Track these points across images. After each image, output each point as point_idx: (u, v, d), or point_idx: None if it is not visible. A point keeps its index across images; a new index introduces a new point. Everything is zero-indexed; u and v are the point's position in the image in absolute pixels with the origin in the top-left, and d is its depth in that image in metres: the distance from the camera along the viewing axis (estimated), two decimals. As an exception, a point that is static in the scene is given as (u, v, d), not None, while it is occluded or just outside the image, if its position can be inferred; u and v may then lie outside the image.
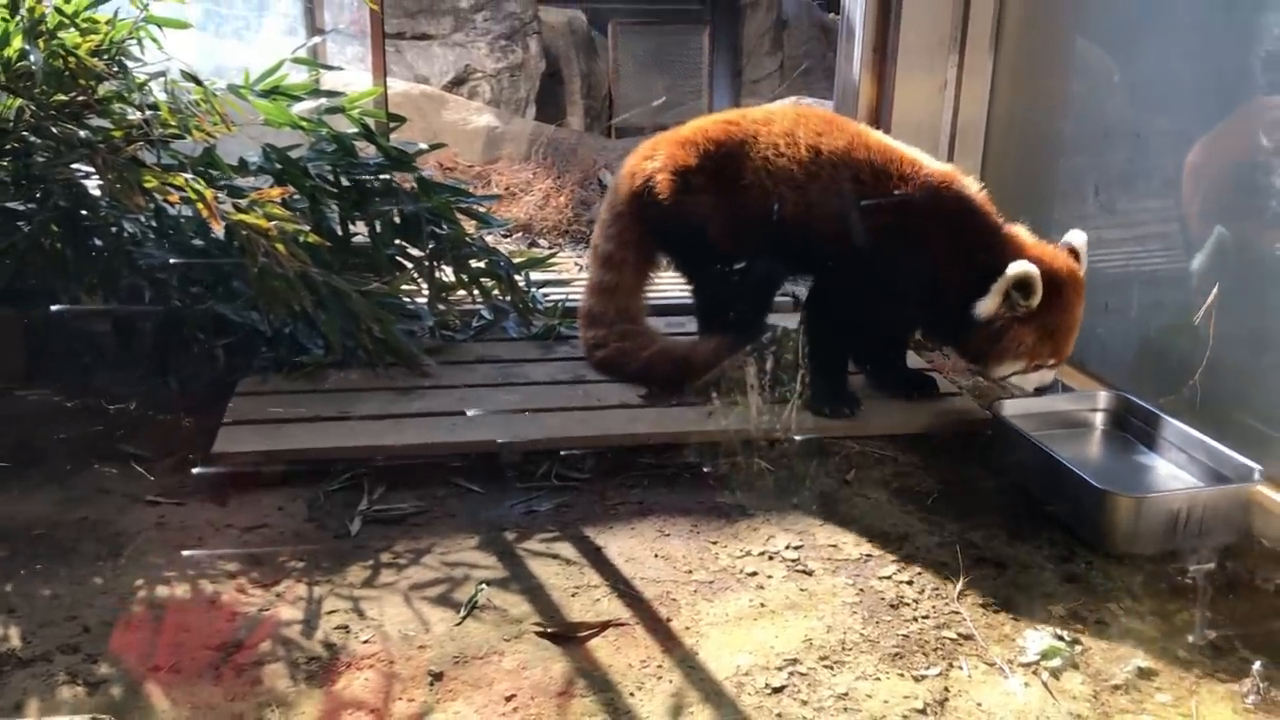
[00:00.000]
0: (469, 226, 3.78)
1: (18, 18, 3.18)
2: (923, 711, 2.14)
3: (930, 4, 3.79)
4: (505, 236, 5.11)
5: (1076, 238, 3.05)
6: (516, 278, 3.79)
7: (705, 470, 3.07)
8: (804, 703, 2.15)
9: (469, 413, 3.17)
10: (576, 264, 4.85)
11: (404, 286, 3.70)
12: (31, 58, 3.06)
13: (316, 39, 3.71)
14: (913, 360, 3.66)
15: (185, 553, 2.61)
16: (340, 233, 3.57)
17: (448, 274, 3.74)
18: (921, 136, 3.87)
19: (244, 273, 3.32)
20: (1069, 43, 3.54)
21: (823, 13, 10.65)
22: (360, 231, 3.65)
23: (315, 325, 3.39)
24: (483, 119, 6.29)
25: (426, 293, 3.73)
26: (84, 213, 3.23)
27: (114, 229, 3.39)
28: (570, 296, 3.94)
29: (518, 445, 3.04)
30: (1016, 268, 2.88)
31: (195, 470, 2.98)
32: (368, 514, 2.81)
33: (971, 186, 3.11)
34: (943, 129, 3.92)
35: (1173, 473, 2.91)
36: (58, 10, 3.18)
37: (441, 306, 3.76)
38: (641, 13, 9.39)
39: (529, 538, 2.72)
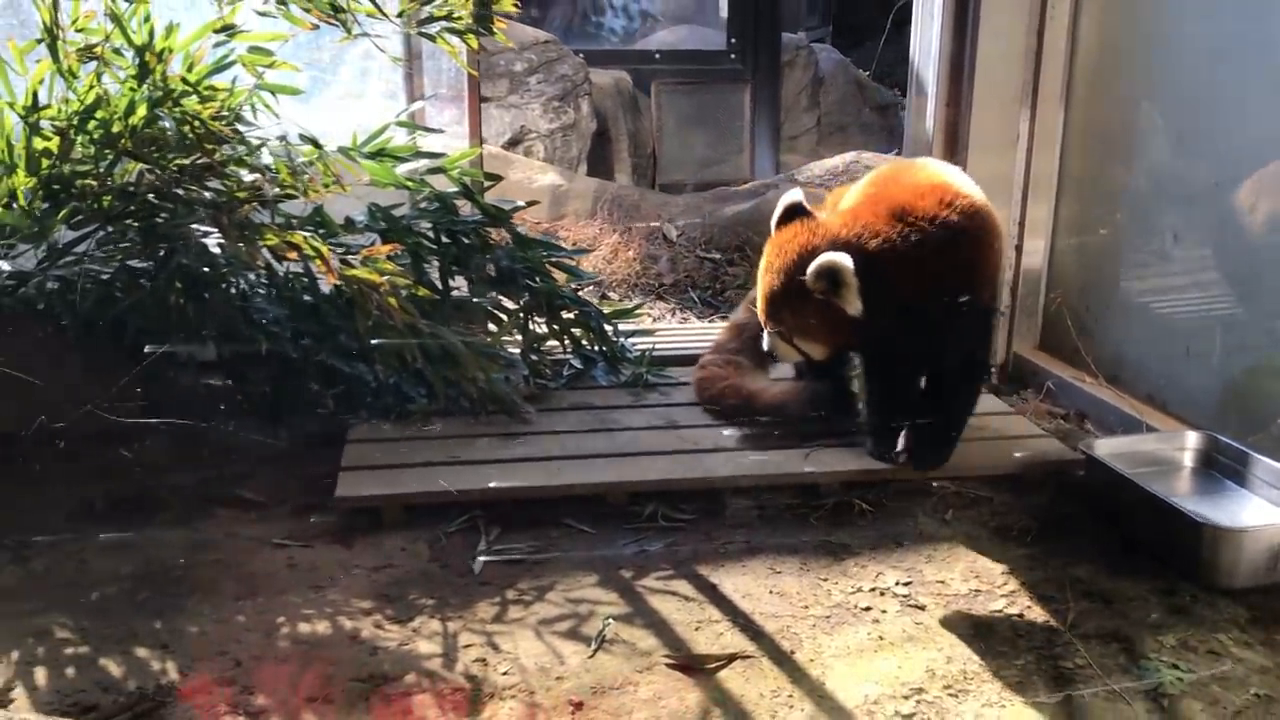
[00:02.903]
0: (558, 279, 3.92)
1: (145, 86, 3.37)
2: (1051, 736, 2.22)
3: (1003, 60, 3.92)
4: (577, 290, 5.25)
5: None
6: (606, 328, 3.92)
7: (805, 511, 3.17)
8: (934, 729, 2.24)
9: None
10: (649, 315, 4.99)
11: (489, 337, 3.84)
12: (166, 124, 3.24)
13: (419, 104, 3.89)
14: (995, 404, 3.77)
15: (320, 592, 2.74)
16: (440, 287, 3.72)
17: (539, 325, 3.88)
18: (995, 190, 4.01)
19: (350, 326, 3.47)
20: (1142, 95, 3.67)
21: (858, 70, 10.88)
22: (458, 286, 3.79)
23: (421, 375, 3.53)
24: (547, 178, 6.48)
25: (520, 343, 3.87)
26: (206, 269, 3.38)
27: (227, 285, 3.54)
28: (656, 345, 4.07)
29: (626, 487, 3.15)
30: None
31: (318, 514, 3.12)
32: (488, 554, 2.92)
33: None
34: (1015, 183, 4.04)
35: (1266, 508, 2.98)
36: (182, 79, 3.36)
37: (534, 356, 3.89)
38: (683, 73, 9.61)
39: (645, 575, 2.83)
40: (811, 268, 2.90)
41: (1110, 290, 3.85)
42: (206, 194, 3.31)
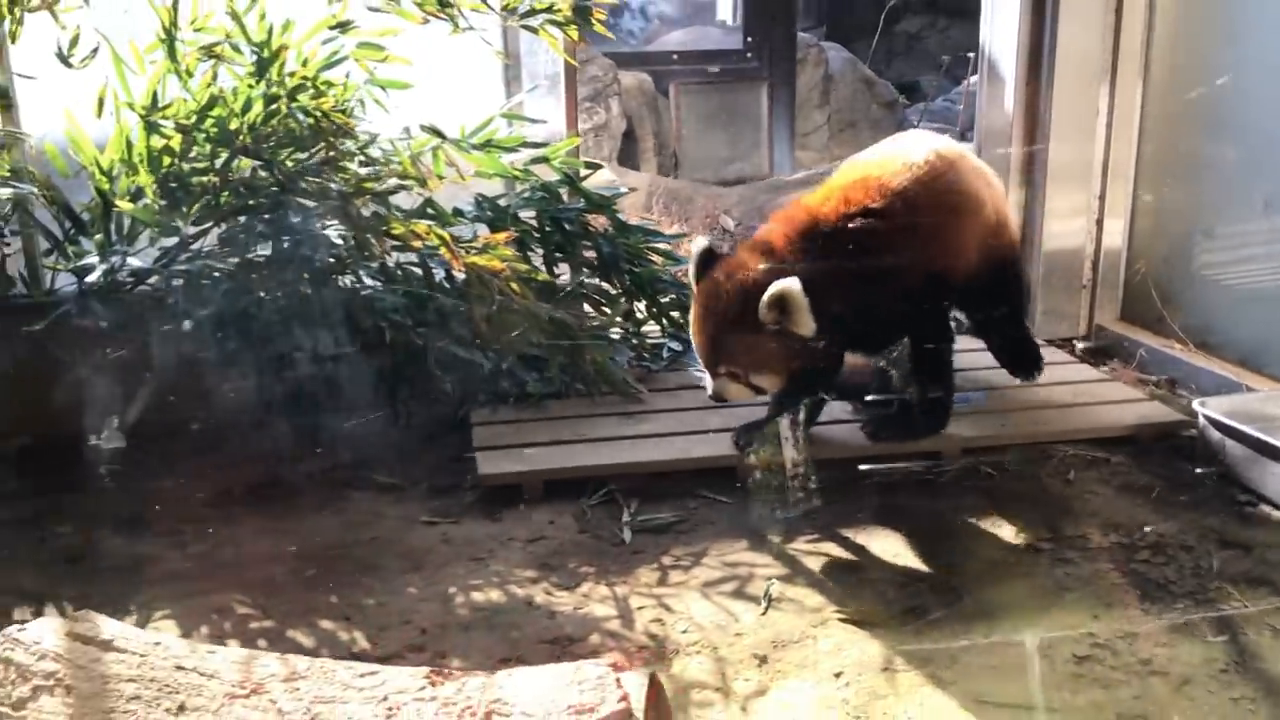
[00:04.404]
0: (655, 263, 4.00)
1: (261, 83, 3.44)
2: (1226, 670, 2.31)
3: (1082, 34, 4.02)
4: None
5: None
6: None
7: (930, 477, 3.26)
8: (1113, 668, 2.33)
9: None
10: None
11: (599, 321, 3.92)
12: (290, 119, 3.32)
13: (521, 95, 3.97)
14: (1090, 371, 3.88)
15: (481, 563, 2.82)
16: (546, 273, 3.80)
17: (640, 309, 3.96)
18: (1077, 169, 4.15)
19: (465, 313, 3.55)
20: (1227, 60, 3.76)
21: (865, 67, 11.02)
22: (561, 272, 3.87)
23: (535, 359, 3.61)
24: (602, 173, 6.55)
25: (621, 326, 3.95)
26: (332, 260, 3.45)
27: (341, 276, 3.60)
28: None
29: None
30: None
31: (457, 493, 3.20)
32: (634, 524, 3.00)
33: None
34: (1096, 159, 4.14)
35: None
36: (302, 76, 3.43)
37: (634, 341, 3.97)
38: (702, 73, 9.71)
39: (793, 540, 2.91)
40: (764, 300, 2.88)
41: (1197, 259, 3.95)
42: (333, 185, 3.38)
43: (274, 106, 3.42)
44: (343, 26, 3.49)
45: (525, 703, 1.50)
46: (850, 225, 3.05)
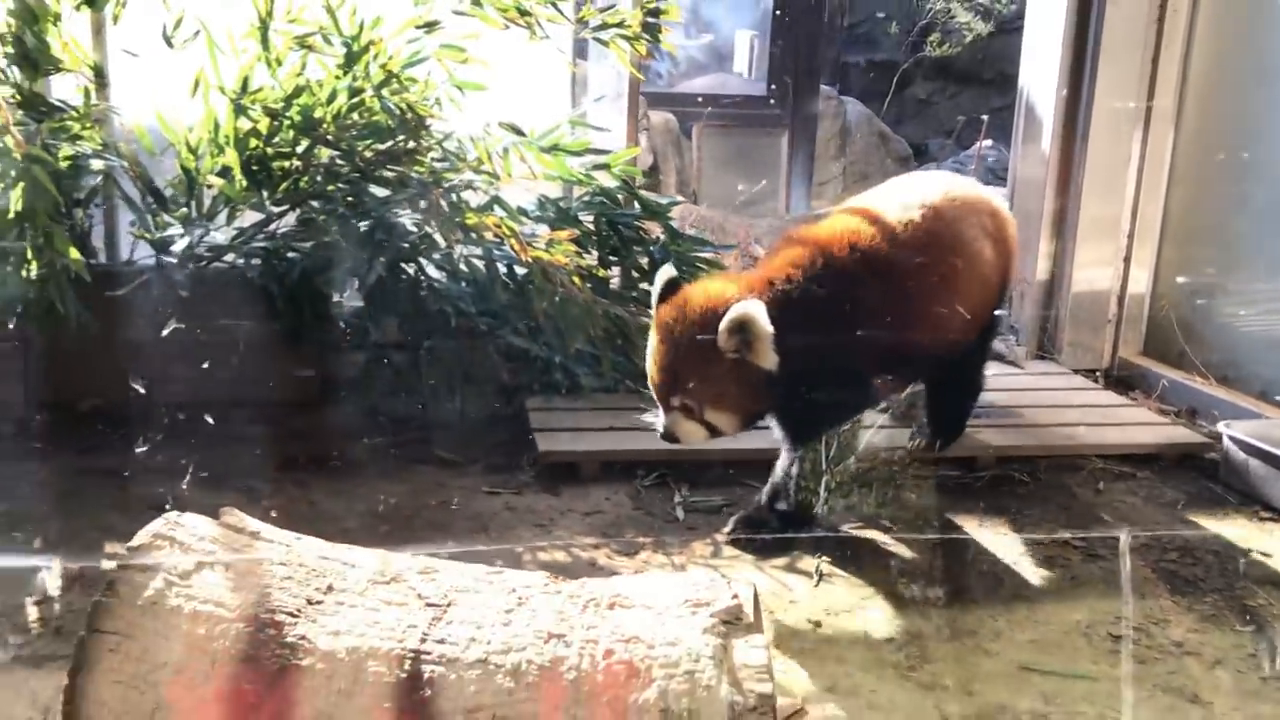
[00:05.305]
0: (703, 273, 4.18)
1: (349, 75, 3.63)
2: (1254, 656, 2.46)
3: (1118, 86, 4.25)
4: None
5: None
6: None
7: (966, 481, 3.41)
8: (1148, 648, 2.48)
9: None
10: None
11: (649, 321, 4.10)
12: (377, 108, 3.51)
13: (591, 103, 4.18)
14: (1115, 397, 4.06)
15: (544, 530, 2.97)
16: (600, 274, 3.97)
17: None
18: (1107, 213, 4.36)
19: (524, 306, 3.72)
20: (1252, 113, 3.98)
21: (881, 123, 11.33)
22: (613, 275, 4.05)
23: (591, 354, 3.78)
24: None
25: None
26: (405, 245, 3.63)
27: (417, 264, 3.77)
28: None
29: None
30: None
31: (514, 471, 3.36)
32: (686, 505, 3.16)
33: None
34: (1125, 204, 4.36)
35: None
36: (389, 71, 3.62)
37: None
38: (725, 116, 9.94)
39: (839, 527, 3.07)
40: (724, 323, 2.63)
41: (1220, 297, 4.15)
42: (413, 174, 3.56)
43: (358, 98, 3.63)
44: (429, 26, 3.70)
45: (645, 596, 1.65)
46: (832, 274, 2.81)
